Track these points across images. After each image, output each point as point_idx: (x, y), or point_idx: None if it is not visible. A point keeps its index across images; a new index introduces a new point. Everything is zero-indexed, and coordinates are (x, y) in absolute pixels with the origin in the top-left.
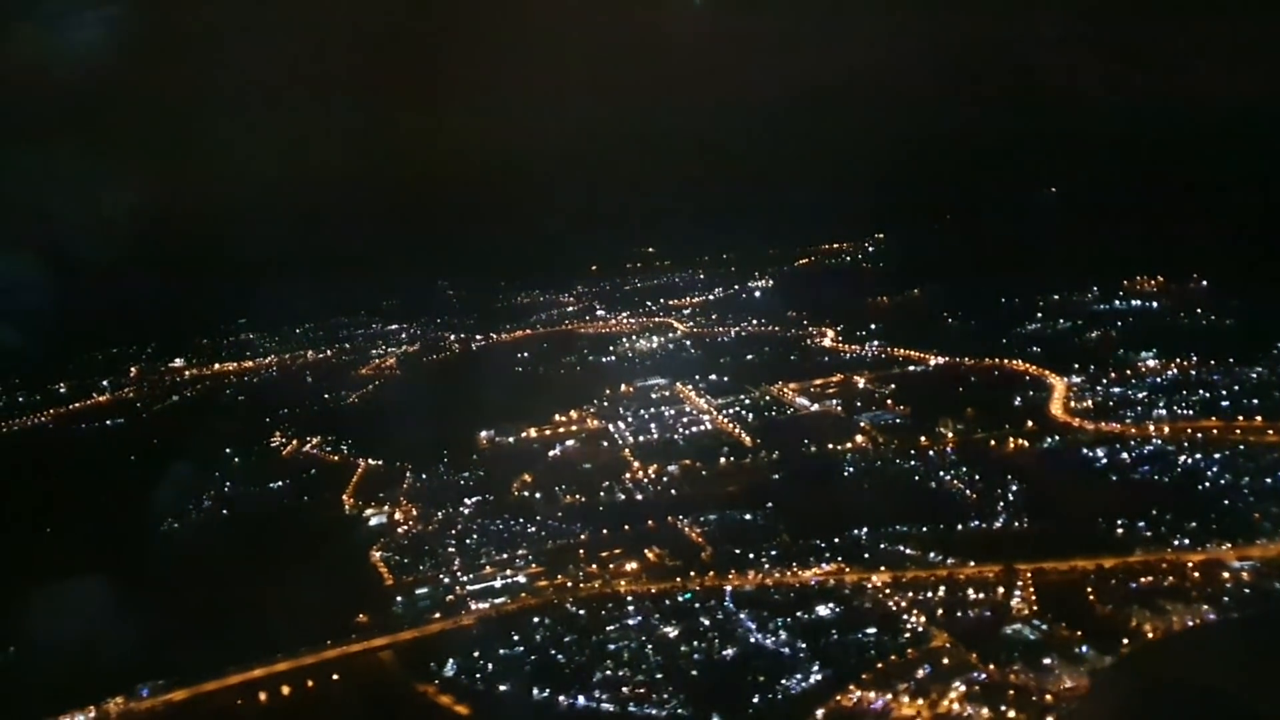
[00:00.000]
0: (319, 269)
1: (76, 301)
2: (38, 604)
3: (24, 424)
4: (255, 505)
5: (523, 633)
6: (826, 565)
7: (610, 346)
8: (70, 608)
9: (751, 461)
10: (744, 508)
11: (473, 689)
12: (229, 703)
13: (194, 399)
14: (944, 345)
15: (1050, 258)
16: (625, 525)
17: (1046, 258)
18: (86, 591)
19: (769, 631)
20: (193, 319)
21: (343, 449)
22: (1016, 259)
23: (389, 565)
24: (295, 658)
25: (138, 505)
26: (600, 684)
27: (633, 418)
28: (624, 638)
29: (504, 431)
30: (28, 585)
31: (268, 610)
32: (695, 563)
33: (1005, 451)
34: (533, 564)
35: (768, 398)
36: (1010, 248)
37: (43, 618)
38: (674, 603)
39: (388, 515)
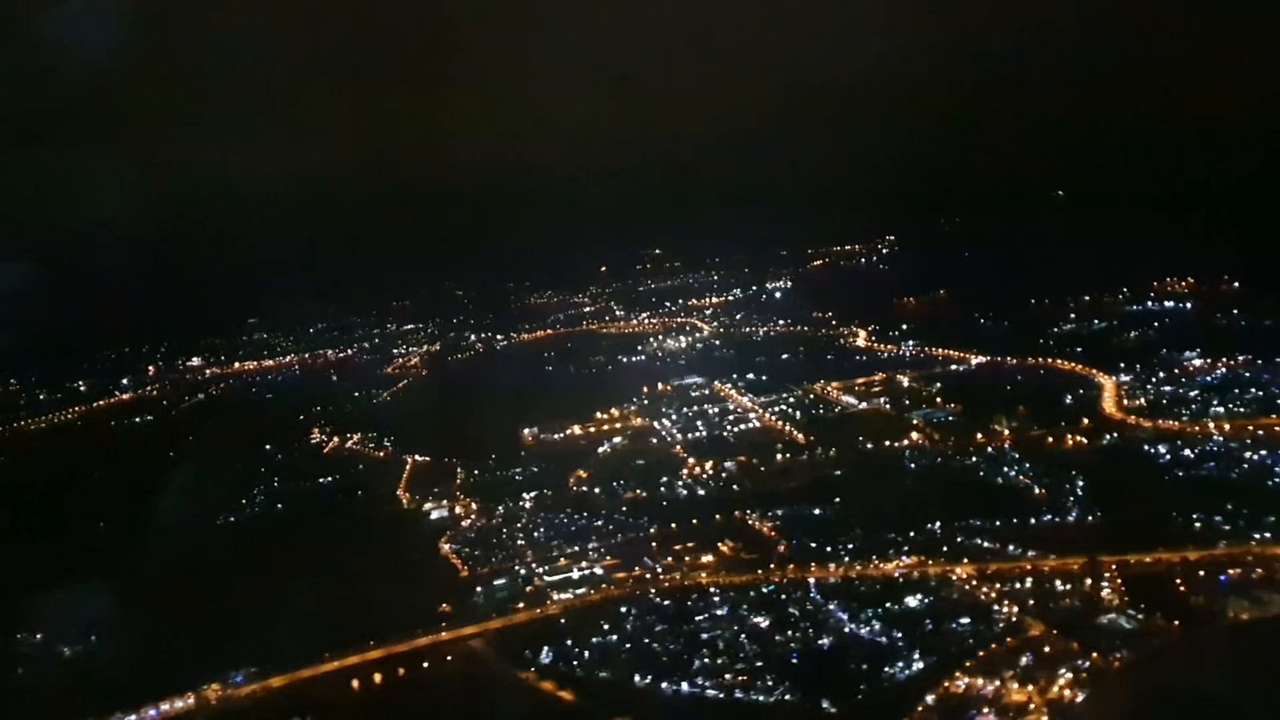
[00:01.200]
0: (325, 270)
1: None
2: (113, 595)
3: (51, 421)
4: (308, 499)
5: (612, 622)
6: (907, 558)
7: (638, 346)
8: (146, 599)
9: (809, 458)
10: (811, 503)
11: (572, 676)
12: (327, 689)
13: (220, 397)
14: (981, 345)
15: (1068, 260)
16: (693, 520)
17: (1065, 260)
18: (160, 583)
19: (862, 621)
20: (202, 319)
21: (385, 445)
22: (1035, 261)
23: (461, 557)
24: (387, 645)
25: (187, 499)
26: (700, 671)
27: (677, 415)
28: (716, 627)
29: (548, 429)
30: (100, 577)
31: (347, 599)
32: (771, 556)
33: (1064, 448)
34: (606, 556)
35: (812, 396)
36: (1025, 250)
37: (120, 608)
38: (759, 594)
39: (448, 509)
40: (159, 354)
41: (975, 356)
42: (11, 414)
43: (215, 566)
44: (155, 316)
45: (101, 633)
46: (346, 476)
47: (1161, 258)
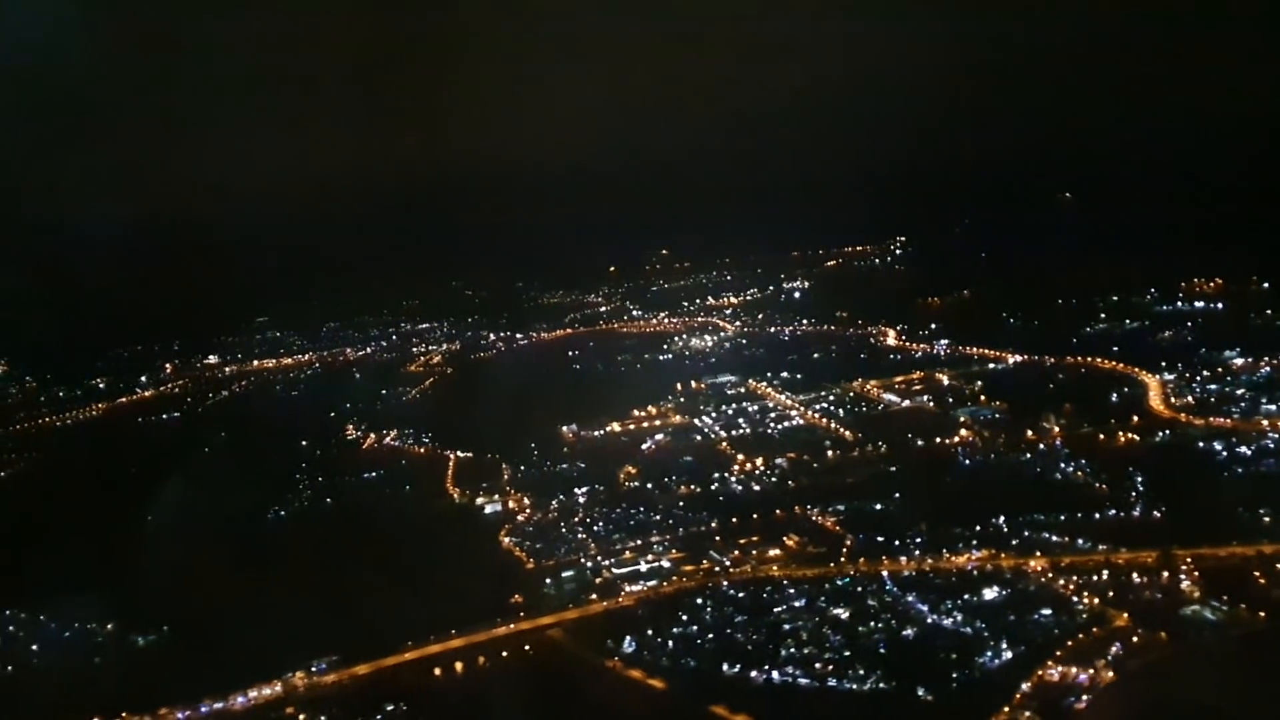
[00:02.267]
0: (333, 269)
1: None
2: (177, 587)
3: (76, 417)
4: (356, 494)
5: (690, 613)
6: (977, 551)
7: (663, 345)
8: (212, 590)
9: (860, 455)
10: (870, 498)
11: (659, 665)
12: (412, 677)
13: (244, 394)
14: (1014, 344)
15: (1088, 260)
16: (753, 514)
17: (1085, 260)
18: (222, 575)
19: (942, 613)
20: (212, 317)
21: (424, 442)
22: (1054, 261)
23: (524, 550)
24: (468, 634)
25: (232, 494)
26: (789, 660)
27: (716, 413)
28: (796, 618)
29: (587, 426)
30: (160, 569)
31: (415, 591)
32: (839, 550)
33: (1116, 445)
34: (672, 550)
35: (852, 394)
36: (1042, 251)
37: (187, 600)
38: (833, 586)
39: (502, 504)
40: (173, 352)
41: (1012, 355)
42: (34, 411)
43: (276, 559)
44: (165, 315)
45: (172, 624)
46: (390, 472)
47: (1184, 257)
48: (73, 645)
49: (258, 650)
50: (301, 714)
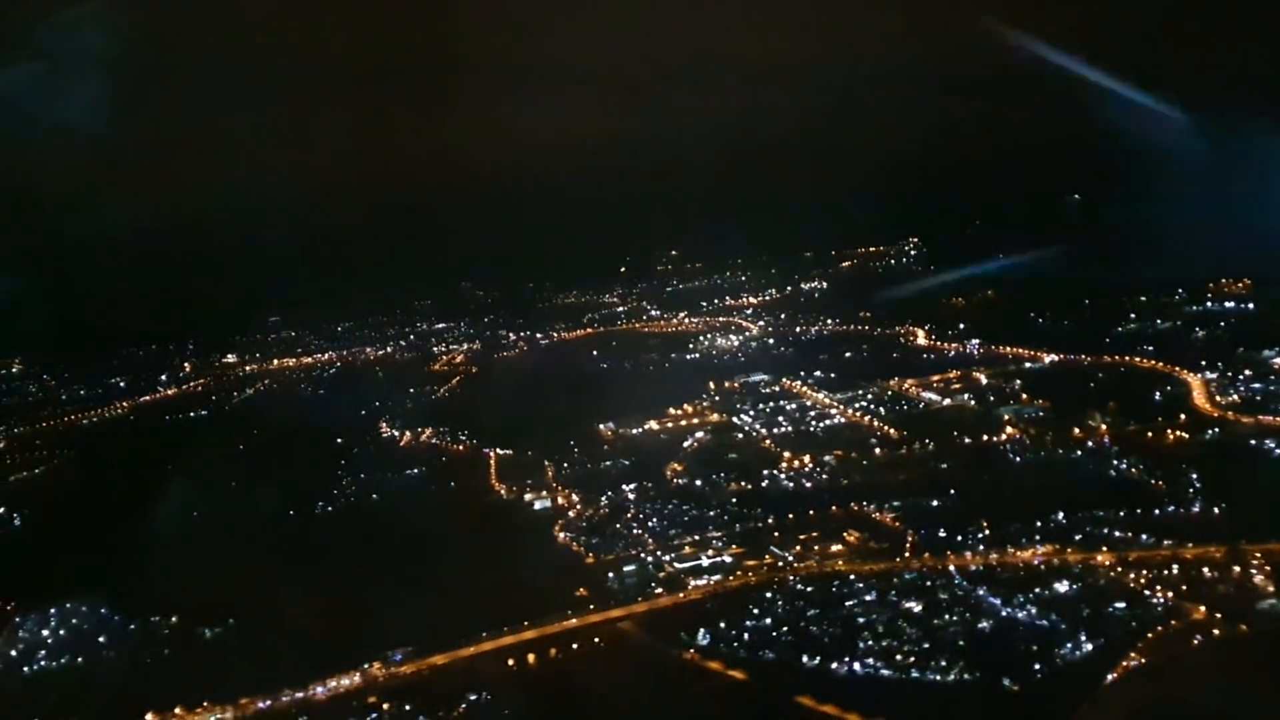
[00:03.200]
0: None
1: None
2: (235, 580)
3: (102, 415)
4: (401, 490)
5: (760, 607)
6: (1041, 547)
7: (689, 344)
8: (272, 583)
9: (908, 452)
10: (926, 494)
11: (737, 657)
12: (489, 667)
13: (270, 392)
14: (1047, 343)
15: (1108, 261)
16: (809, 511)
17: (1104, 261)
18: (280, 569)
19: (1016, 606)
20: (223, 317)
21: (461, 439)
22: (1073, 262)
23: (581, 545)
24: (540, 627)
25: (274, 489)
26: (868, 653)
27: (754, 411)
28: (869, 611)
29: (624, 423)
30: (213, 562)
31: (477, 583)
32: (902, 545)
33: (1166, 443)
34: (732, 545)
35: (890, 393)
36: (1059, 252)
37: (248, 592)
38: (902, 581)
39: (550, 500)
40: (188, 351)
41: (1047, 354)
42: (57, 409)
43: (330, 553)
44: (175, 315)
45: (236, 616)
46: (431, 468)
47: (1204, 258)
48: (139, 637)
49: (327, 642)
50: (385, 703)
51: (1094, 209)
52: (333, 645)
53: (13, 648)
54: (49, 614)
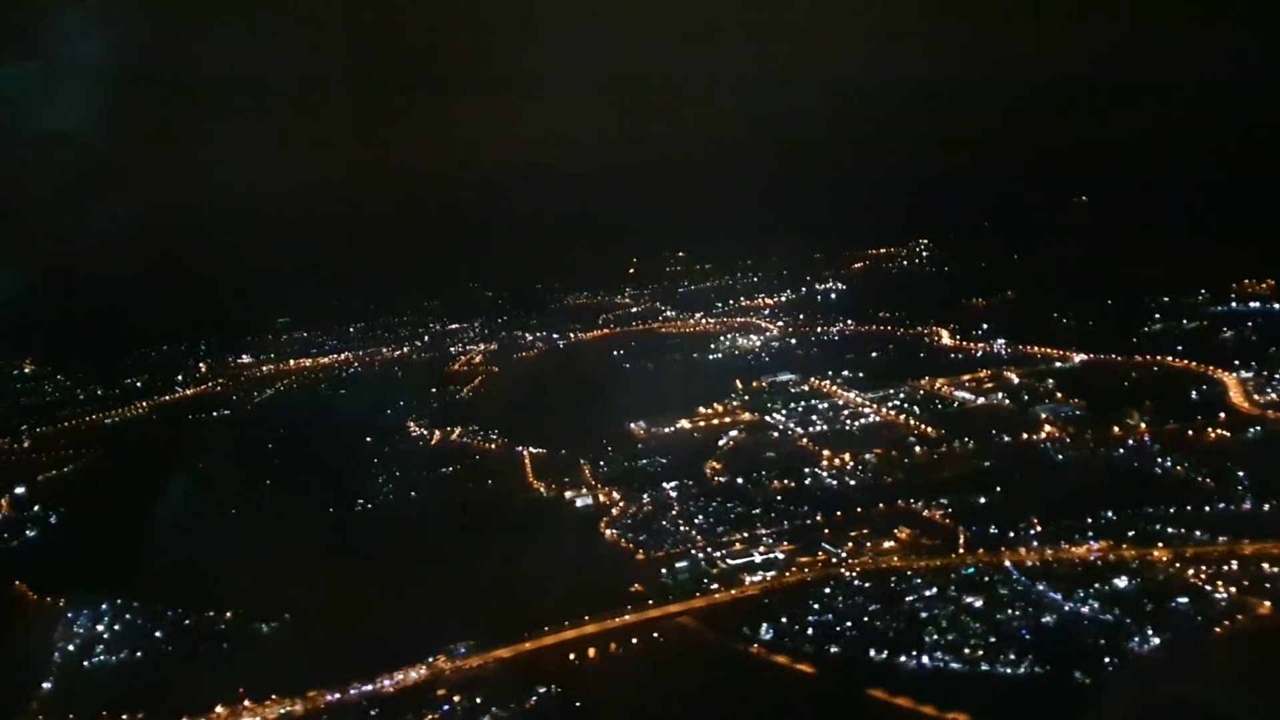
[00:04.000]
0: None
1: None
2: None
3: (124, 415)
4: (439, 488)
5: (820, 602)
6: (1095, 543)
7: (710, 344)
8: (323, 579)
9: (948, 451)
10: (971, 492)
11: (802, 650)
12: (553, 661)
13: (291, 392)
14: (1075, 343)
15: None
16: (856, 508)
17: (1124, 262)
18: (329, 565)
19: (1078, 601)
20: (232, 319)
21: (491, 438)
22: (1092, 263)
23: (629, 542)
24: (600, 621)
25: (310, 488)
26: (934, 646)
27: (786, 410)
28: (931, 606)
29: (655, 422)
30: (261, 558)
31: (530, 579)
32: (954, 542)
33: (1208, 441)
34: (783, 542)
35: (922, 392)
36: (1077, 253)
37: (299, 588)
38: (959, 576)
39: (592, 498)
40: (201, 352)
41: (1076, 354)
42: (76, 409)
43: (376, 549)
44: (184, 316)
45: (291, 611)
46: (466, 467)
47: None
48: (196, 633)
49: (385, 636)
50: (455, 695)
51: (1102, 210)
52: (391, 640)
53: (69, 643)
54: (100, 610)
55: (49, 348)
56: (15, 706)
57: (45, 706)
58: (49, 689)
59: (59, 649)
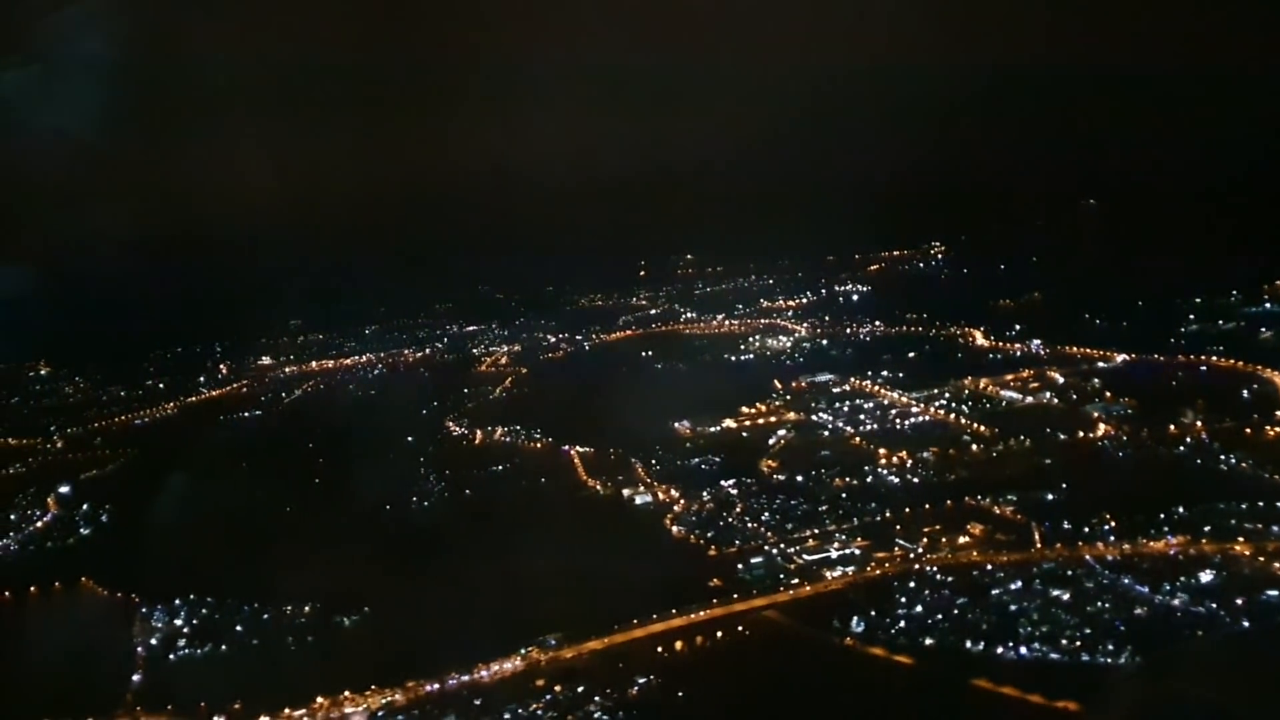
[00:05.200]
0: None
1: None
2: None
3: (152, 416)
4: (492, 486)
5: (906, 595)
6: (1172, 538)
7: (740, 346)
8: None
9: (1005, 448)
10: (1038, 489)
11: (896, 643)
12: (645, 653)
13: (320, 393)
14: (1113, 344)
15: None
16: (923, 505)
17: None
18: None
19: (1166, 594)
20: (240, 321)
21: (535, 437)
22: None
23: (699, 538)
24: (687, 614)
25: (360, 485)
26: (1030, 638)
27: (831, 410)
28: (1019, 599)
29: (701, 422)
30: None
31: (607, 573)
32: (1028, 537)
33: (1267, 438)
34: (857, 538)
35: (967, 391)
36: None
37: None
38: (1041, 570)
39: (651, 495)
40: (217, 353)
41: (1118, 354)
42: (101, 410)
43: (442, 544)
44: (193, 318)
45: (372, 605)
46: (515, 465)
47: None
48: (276, 626)
49: (468, 629)
50: (556, 685)
51: (1112, 213)
52: (475, 632)
53: (150, 637)
54: (173, 605)
55: (62, 349)
56: (110, 700)
57: (140, 699)
58: (139, 681)
59: (141, 643)
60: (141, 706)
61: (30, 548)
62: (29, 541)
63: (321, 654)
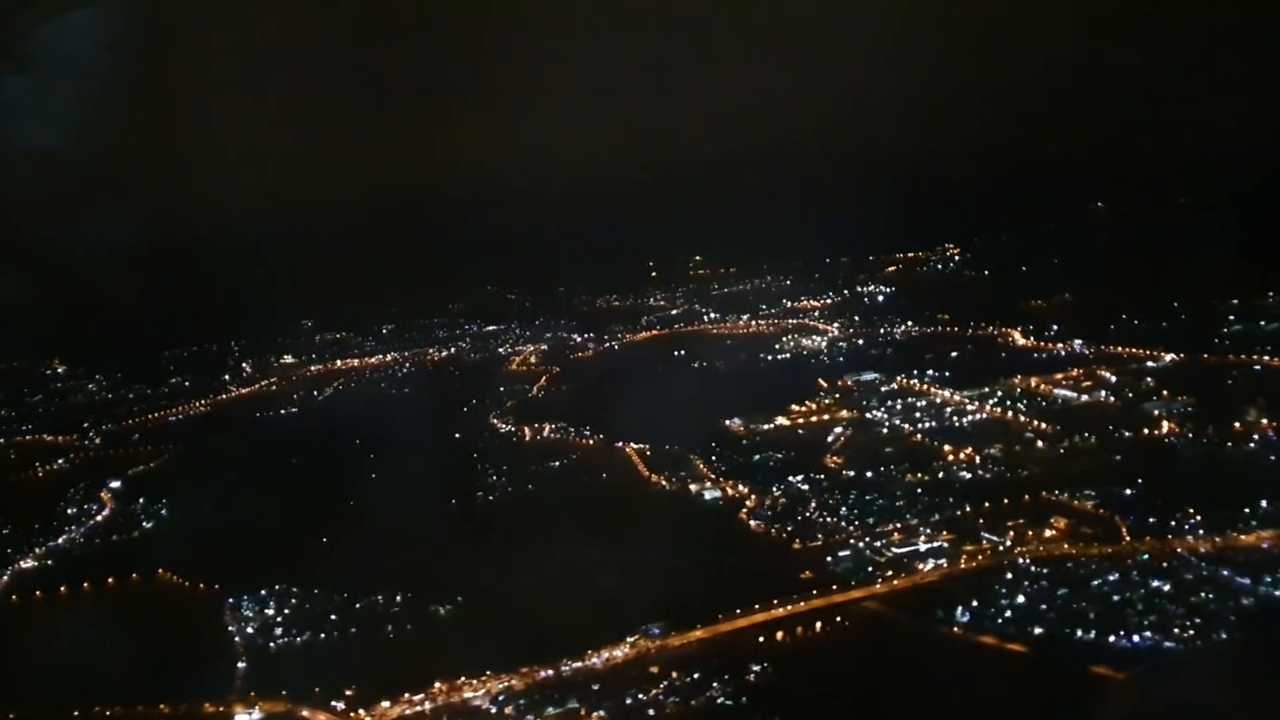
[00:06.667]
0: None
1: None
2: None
3: (185, 413)
4: (554, 480)
5: (1006, 587)
6: (1263, 531)
7: (773, 345)
8: (475, 565)
9: (1071, 445)
10: (1114, 484)
11: (1005, 632)
12: (750, 643)
13: (353, 390)
14: (1157, 343)
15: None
16: (1002, 499)
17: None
18: (476, 551)
19: (1270, 585)
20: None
21: (585, 434)
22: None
23: (779, 532)
24: (787, 605)
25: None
26: (1140, 627)
27: (884, 408)
28: (1121, 590)
29: (752, 419)
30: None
31: (695, 564)
32: (1114, 531)
33: None
34: (943, 531)
35: (1019, 390)
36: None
37: (459, 573)
38: (1136, 562)
39: (720, 491)
40: (235, 352)
41: (1166, 354)
42: (130, 408)
43: (519, 536)
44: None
45: (465, 594)
46: (572, 461)
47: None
48: (373, 615)
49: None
50: (673, 671)
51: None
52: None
53: (246, 625)
54: (259, 595)
55: (74, 348)
56: (221, 687)
57: (251, 685)
58: (244, 668)
59: (238, 632)
60: (255, 692)
61: (96, 541)
62: (93, 535)
63: (423, 641)
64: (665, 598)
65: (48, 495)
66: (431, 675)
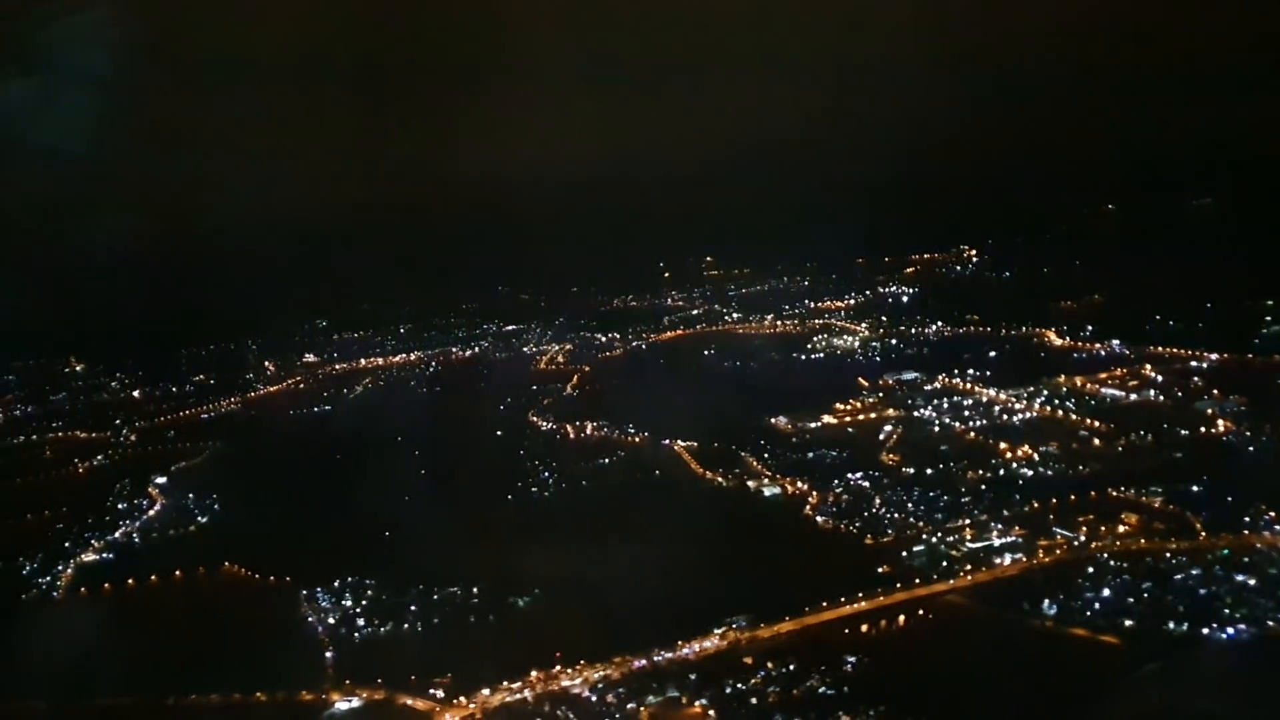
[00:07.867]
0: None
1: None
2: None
3: (218, 410)
4: (607, 477)
5: (1089, 580)
6: None
7: (805, 345)
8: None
9: (1128, 443)
10: (1180, 480)
11: (1095, 624)
12: (839, 635)
13: (378, 389)
14: (1197, 343)
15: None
16: (1068, 496)
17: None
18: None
19: None
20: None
21: (629, 431)
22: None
23: (849, 527)
24: (870, 598)
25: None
26: (1231, 619)
27: (930, 406)
28: (1205, 584)
29: (799, 417)
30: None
31: (768, 559)
32: (1186, 526)
33: None
34: (1015, 526)
35: (1065, 389)
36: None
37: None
38: (1215, 557)
39: (779, 487)
40: (252, 351)
41: (1207, 353)
42: (158, 405)
43: (585, 531)
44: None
45: (539, 587)
46: (621, 459)
47: None
48: (452, 606)
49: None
50: (767, 661)
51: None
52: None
53: (326, 615)
54: (334, 587)
55: (88, 347)
56: (314, 675)
57: (342, 674)
58: (332, 657)
59: (319, 622)
60: (350, 680)
61: (153, 535)
62: (148, 529)
63: (506, 631)
64: (744, 591)
65: (93, 490)
66: (526, 664)
